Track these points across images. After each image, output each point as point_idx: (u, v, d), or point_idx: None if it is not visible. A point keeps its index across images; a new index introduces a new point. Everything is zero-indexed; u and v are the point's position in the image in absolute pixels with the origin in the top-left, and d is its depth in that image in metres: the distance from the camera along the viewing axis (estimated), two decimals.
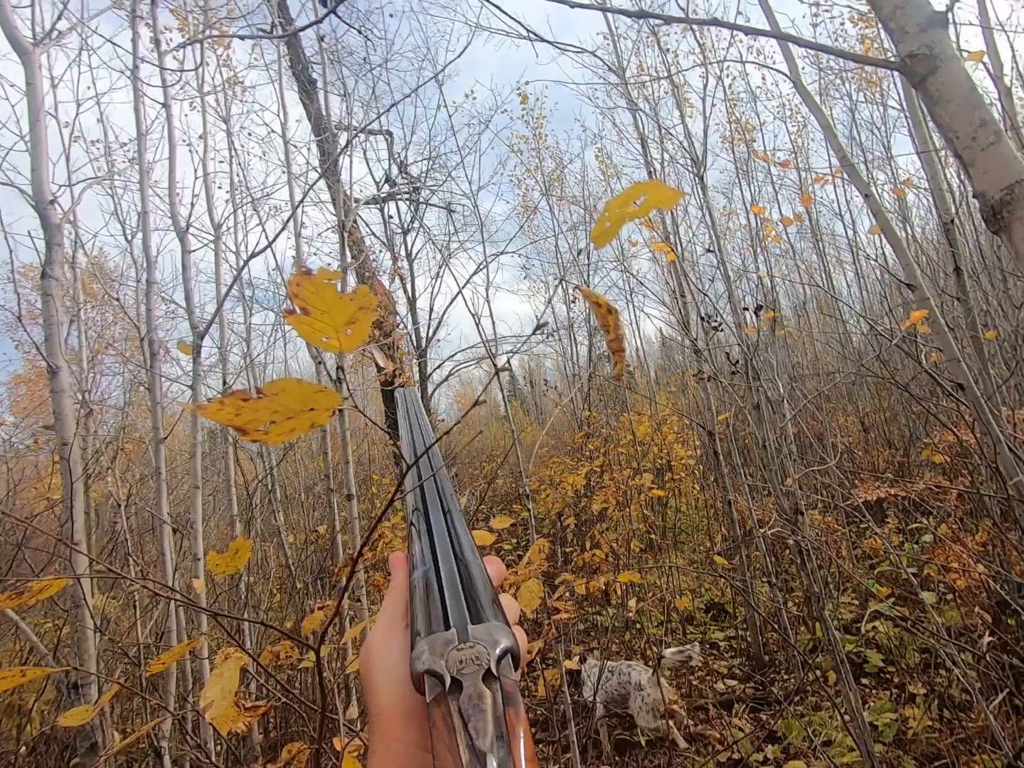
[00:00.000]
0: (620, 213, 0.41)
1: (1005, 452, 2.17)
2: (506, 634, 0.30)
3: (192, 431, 2.14)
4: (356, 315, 0.40)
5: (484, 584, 0.35)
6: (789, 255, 8.80)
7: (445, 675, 0.28)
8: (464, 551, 0.38)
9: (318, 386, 0.41)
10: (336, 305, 0.40)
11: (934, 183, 3.23)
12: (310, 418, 0.42)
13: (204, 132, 3.47)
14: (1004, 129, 0.76)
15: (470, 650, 0.29)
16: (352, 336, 0.42)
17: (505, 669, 0.29)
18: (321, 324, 0.41)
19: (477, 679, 0.27)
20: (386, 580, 1.84)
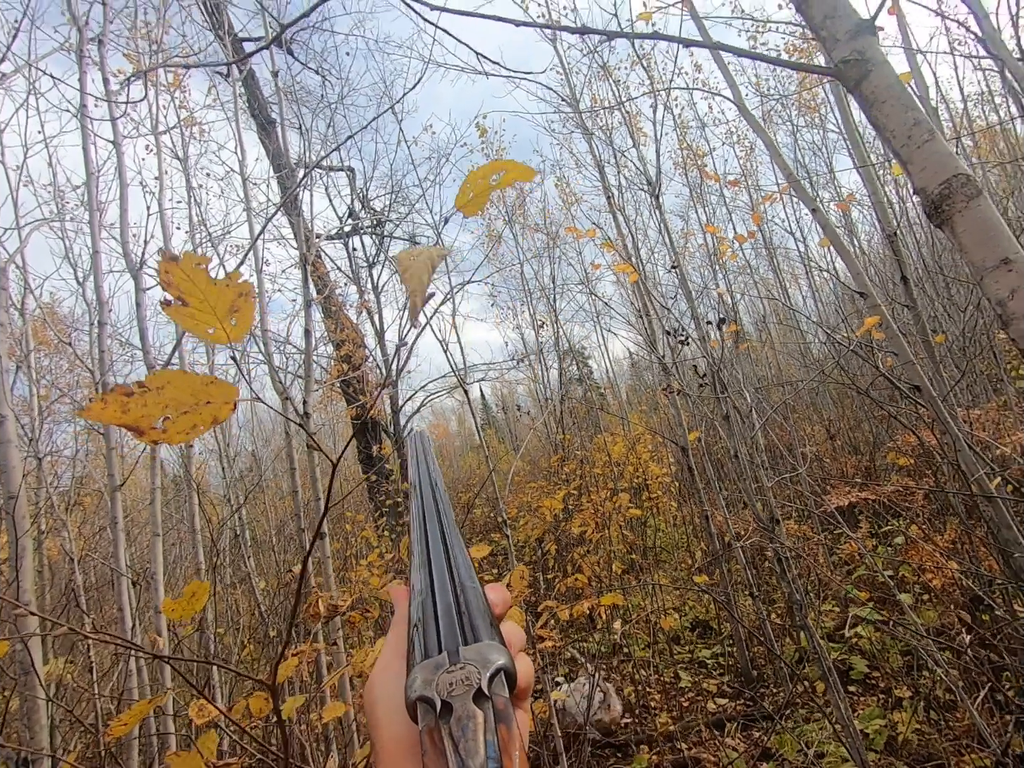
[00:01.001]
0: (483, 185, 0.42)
1: (965, 450, 2.24)
2: (499, 652, 0.29)
3: (151, 476, 2.05)
4: (237, 302, 0.38)
5: (479, 606, 0.34)
6: (747, 272, 9.12)
7: (436, 699, 0.27)
8: (462, 577, 0.37)
9: (209, 377, 0.38)
10: (213, 292, 0.38)
11: (875, 197, 3.40)
12: (210, 412, 0.39)
13: (160, 171, 3.43)
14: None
15: (460, 671, 0.28)
16: (237, 326, 0.40)
17: (497, 687, 0.28)
18: (202, 314, 0.38)
19: (467, 699, 0.27)
20: (362, 617, 1.77)
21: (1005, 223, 0.56)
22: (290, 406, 2.89)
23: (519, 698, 0.32)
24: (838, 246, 2.36)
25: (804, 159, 7.62)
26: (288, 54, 7.44)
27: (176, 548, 6.93)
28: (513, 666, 0.29)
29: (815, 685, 3.01)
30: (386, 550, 5.16)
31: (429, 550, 0.41)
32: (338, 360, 7.84)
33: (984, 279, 0.55)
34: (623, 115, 4.62)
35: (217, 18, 4.69)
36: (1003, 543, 2.17)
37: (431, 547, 0.41)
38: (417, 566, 0.40)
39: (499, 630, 0.32)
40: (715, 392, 2.37)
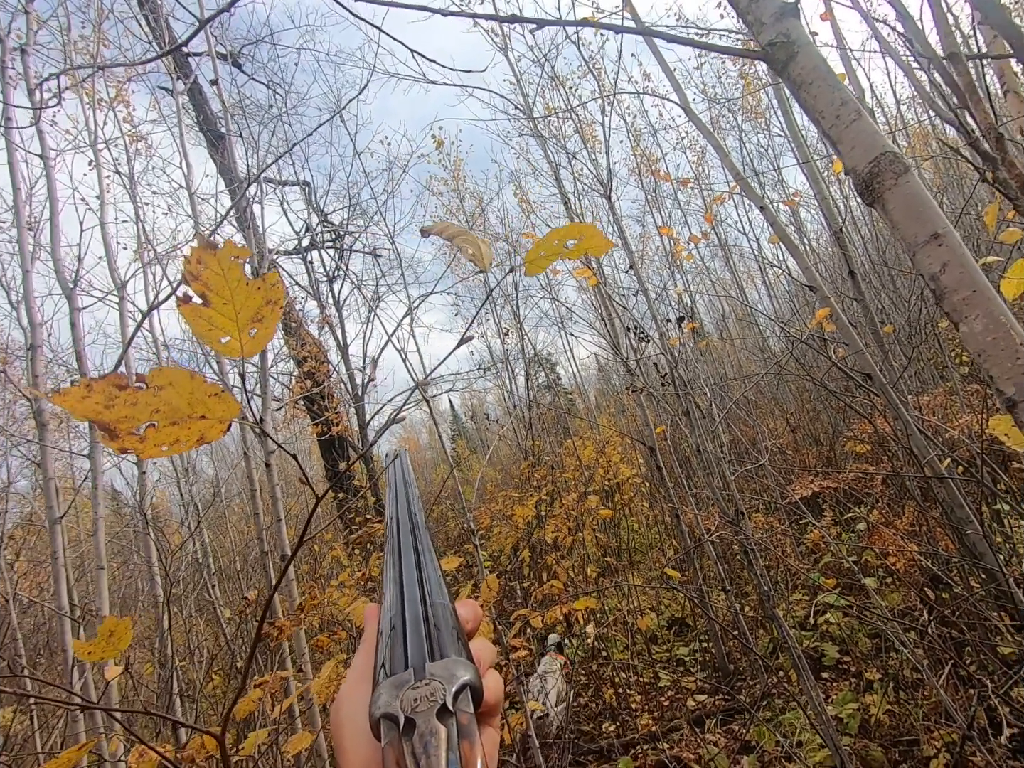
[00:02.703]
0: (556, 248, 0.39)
1: (916, 435, 2.32)
2: (466, 668, 0.29)
3: (92, 504, 1.93)
4: (262, 310, 0.34)
5: (448, 623, 0.34)
6: (704, 273, 9.35)
7: (399, 716, 0.26)
8: (432, 593, 0.37)
9: (215, 386, 0.33)
10: (242, 293, 0.33)
11: (820, 196, 3.52)
12: (199, 428, 0.34)
13: (100, 187, 3.30)
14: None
15: (425, 687, 0.28)
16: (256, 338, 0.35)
17: (462, 703, 0.27)
18: (222, 318, 0.33)
19: (431, 716, 0.26)
20: (330, 640, 1.70)
21: (933, 199, 0.57)
22: (247, 426, 2.79)
23: (488, 715, 0.32)
24: (787, 242, 2.42)
25: (752, 161, 7.88)
26: (237, 68, 7.30)
27: (137, 581, 6.61)
28: (480, 682, 0.29)
29: (789, 675, 3.05)
30: (357, 568, 5.03)
31: (401, 567, 0.40)
32: (301, 377, 7.67)
33: (916, 254, 0.56)
34: (575, 122, 4.68)
35: (158, 31, 4.57)
36: (956, 522, 2.25)
37: (403, 564, 0.40)
38: (388, 583, 0.39)
39: (467, 646, 0.32)
40: (675, 389, 2.40)
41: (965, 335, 0.53)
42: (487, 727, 0.32)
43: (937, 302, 0.54)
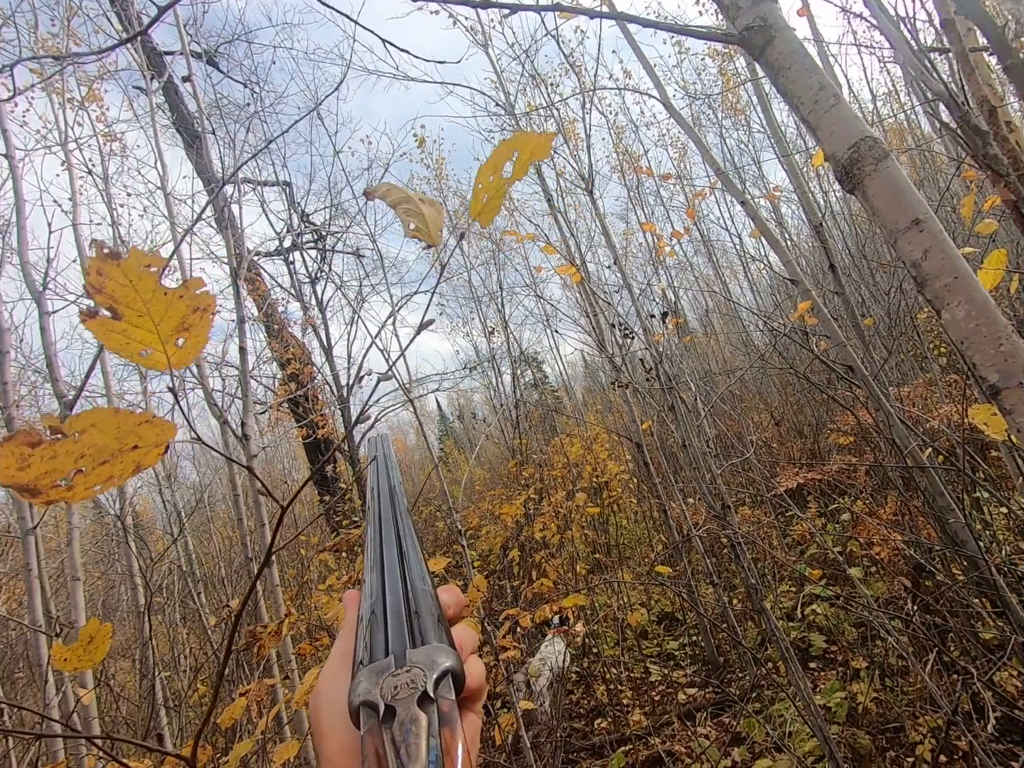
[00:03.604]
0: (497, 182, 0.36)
1: (898, 425, 2.35)
2: (447, 655, 0.29)
3: (67, 512, 1.88)
4: (189, 319, 0.31)
5: (430, 609, 0.33)
6: (688, 269, 9.41)
7: (379, 703, 0.26)
8: (413, 579, 0.36)
9: (145, 415, 0.31)
10: (160, 304, 0.30)
11: (800, 191, 3.55)
12: (134, 459, 0.32)
13: (72, 188, 3.22)
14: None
15: (406, 674, 0.27)
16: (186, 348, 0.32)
17: (443, 690, 0.27)
18: (139, 331, 0.31)
19: (411, 703, 0.26)
20: (313, 648, 1.67)
21: (913, 185, 0.56)
22: (227, 430, 2.74)
23: (470, 700, 0.32)
24: (768, 236, 2.43)
25: (733, 157, 7.94)
26: (210, 65, 7.18)
27: (119, 590, 6.49)
28: (461, 668, 0.29)
29: (778, 666, 3.07)
30: (344, 571, 4.98)
31: (383, 553, 0.39)
32: (285, 380, 7.58)
33: (898, 241, 0.56)
34: (557, 120, 4.67)
35: (131, 29, 4.47)
36: (938, 511, 2.28)
37: (384, 550, 0.40)
38: (369, 568, 0.39)
39: (449, 632, 0.31)
40: (660, 384, 2.40)
41: (947, 322, 0.53)
42: (469, 713, 0.32)
43: (919, 289, 0.54)
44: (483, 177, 0.40)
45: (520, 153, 0.38)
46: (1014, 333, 0.50)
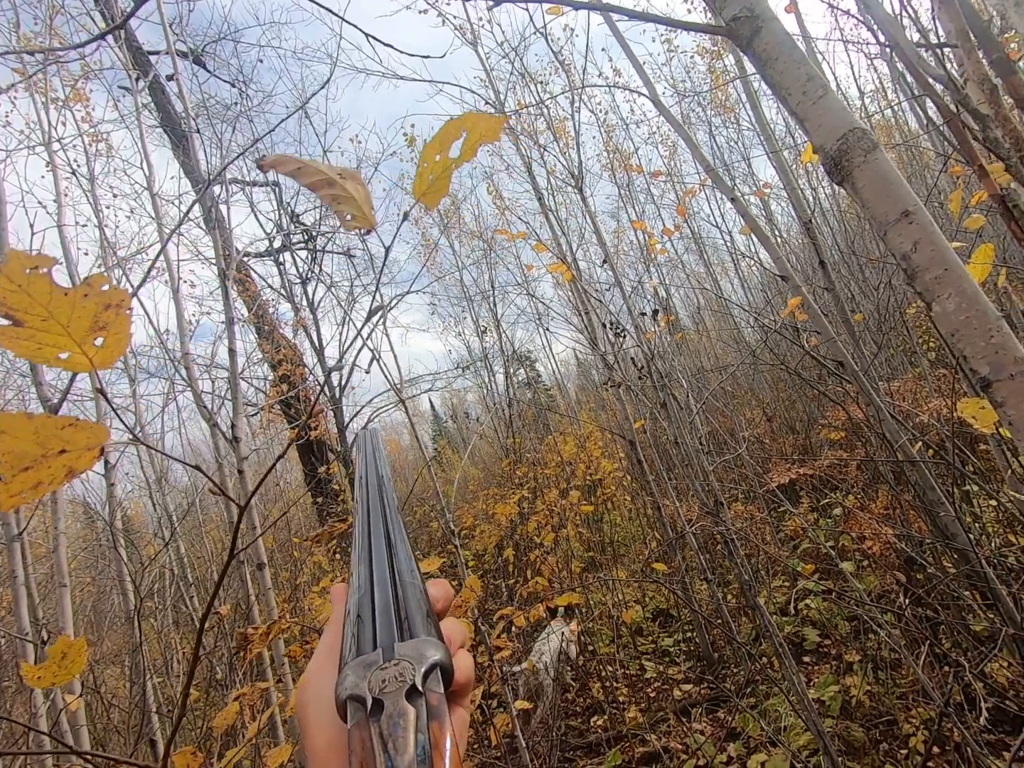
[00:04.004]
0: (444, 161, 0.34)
1: (888, 420, 2.36)
2: (436, 648, 0.28)
3: (53, 518, 1.85)
4: (102, 317, 0.30)
5: (418, 602, 0.33)
6: (679, 267, 9.44)
7: (367, 697, 0.26)
8: (402, 572, 0.36)
9: (68, 418, 0.30)
10: (63, 306, 0.29)
11: (789, 187, 3.56)
12: (64, 463, 0.30)
13: (57, 189, 3.18)
14: None
15: (394, 668, 0.27)
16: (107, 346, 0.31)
17: (432, 683, 0.27)
18: (49, 335, 0.29)
19: (399, 697, 0.26)
20: (303, 651, 1.65)
21: (902, 176, 0.56)
22: (218, 432, 2.71)
23: (458, 695, 0.31)
24: (757, 232, 2.44)
25: (722, 154, 7.97)
26: (201, 67, 7.12)
27: (111, 595, 6.42)
28: (450, 661, 0.29)
29: (772, 661, 3.09)
30: (339, 573, 4.96)
31: (371, 547, 0.39)
32: (276, 381, 7.53)
33: (887, 233, 0.55)
34: (547, 118, 4.66)
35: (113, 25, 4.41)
36: (929, 504, 2.29)
37: (372, 544, 0.39)
38: (356, 562, 0.38)
39: (437, 625, 0.31)
40: (652, 382, 2.40)
41: (937, 315, 0.52)
42: (457, 707, 0.31)
43: (909, 281, 0.54)
44: (428, 156, 0.38)
45: (469, 134, 0.36)
46: (1005, 325, 0.49)
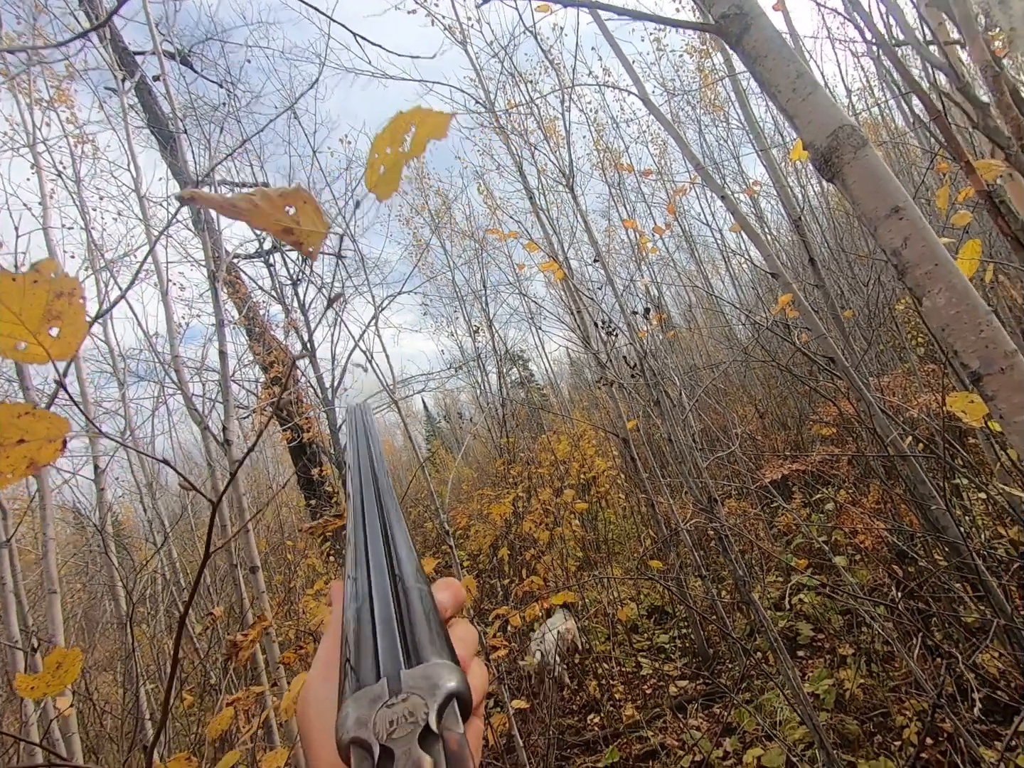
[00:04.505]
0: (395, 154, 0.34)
1: (878, 415, 2.38)
2: (450, 672, 0.25)
3: (41, 523, 1.82)
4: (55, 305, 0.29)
5: (426, 614, 0.29)
6: (670, 265, 9.47)
7: (373, 743, 0.22)
8: (405, 576, 0.31)
9: (24, 405, 0.29)
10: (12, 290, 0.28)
11: (778, 185, 3.58)
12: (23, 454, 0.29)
13: (42, 191, 3.14)
14: None
15: (402, 705, 0.23)
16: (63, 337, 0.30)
17: (449, 720, 0.23)
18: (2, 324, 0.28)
19: (412, 742, 0.22)
20: (297, 657, 1.64)
21: (892, 173, 0.56)
22: (209, 435, 2.69)
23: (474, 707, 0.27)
24: (748, 230, 2.45)
25: (712, 153, 8.01)
26: (184, 64, 7.06)
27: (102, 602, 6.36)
28: (467, 688, 0.25)
29: (767, 656, 3.11)
30: (333, 575, 4.94)
31: (367, 546, 0.34)
32: (268, 384, 7.49)
33: (878, 229, 0.56)
34: (537, 117, 4.66)
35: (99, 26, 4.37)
36: (919, 498, 2.31)
37: (369, 541, 0.35)
38: (353, 563, 0.33)
39: (448, 641, 0.27)
40: (645, 380, 2.41)
41: (928, 309, 0.53)
42: (472, 718, 0.28)
43: (900, 276, 0.54)
44: (379, 147, 0.38)
45: (418, 129, 0.36)
46: (995, 319, 0.50)
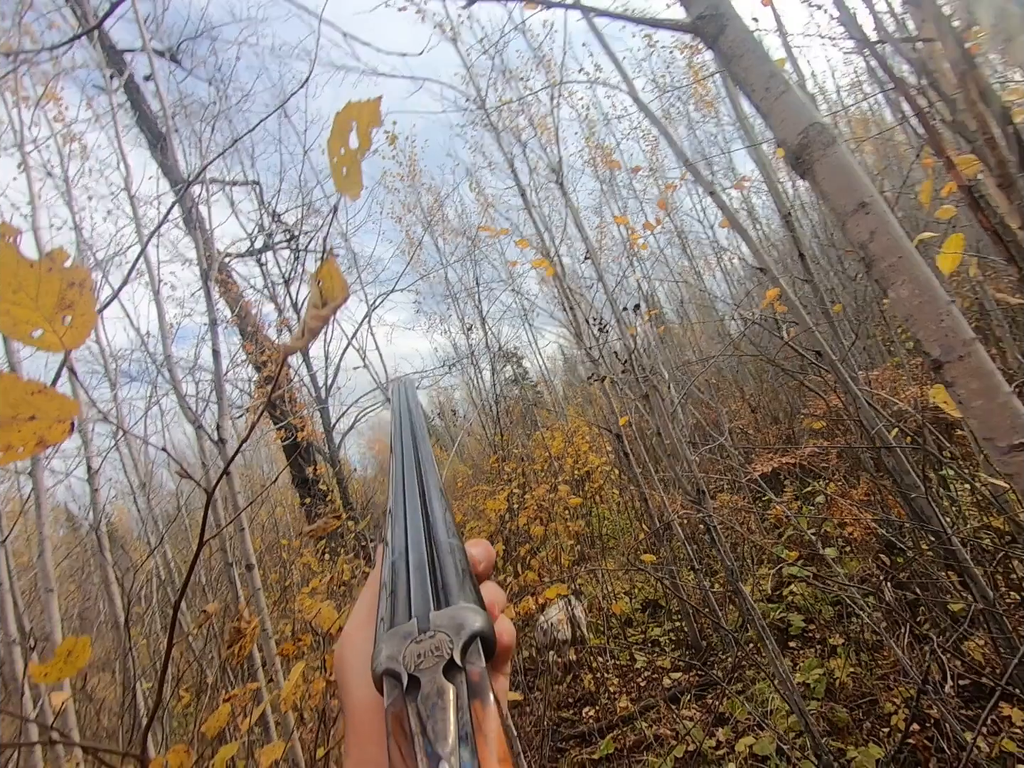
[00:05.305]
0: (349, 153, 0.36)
1: (865, 408, 2.41)
2: (476, 615, 0.26)
3: (37, 523, 1.83)
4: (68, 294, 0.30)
5: (456, 564, 0.31)
6: (662, 261, 9.51)
7: (402, 673, 0.24)
8: (438, 532, 0.33)
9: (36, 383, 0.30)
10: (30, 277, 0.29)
11: (768, 180, 3.61)
12: (34, 430, 0.31)
13: (31, 191, 3.12)
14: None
15: (430, 640, 0.25)
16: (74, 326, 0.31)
17: (472, 656, 0.25)
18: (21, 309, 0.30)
19: (437, 672, 0.24)
20: (296, 647, 1.66)
21: (862, 170, 0.59)
22: (203, 434, 2.70)
23: (499, 661, 0.29)
24: (736, 226, 2.48)
25: (703, 148, 8.04)
26: (172, 61, 7.01)
27: (97, 602, 6.34)
28: (492, 630, 0.27)
29: (758, 646, 3.15)
30: (329, 573, 4.95)
31: (405, 505, 0.37)
32: (261, 383, 7.47)
33: (846, 223, 0.58)
34: (527, 114, 4.67)
35: (86, 24, 4.34)
36: (906, 489, 2.35)
37: (407, 503, 0.37)
38: (391, 523, 0.36)
39: (477, 589, 0.29)
40: (635, 375, 2.43)
41: (893, 300, 0.55)
42: (498, 675, 0.30)
43: (867, 270, 0.56)
44: (334, 150, 0.40)
45: (358, 123, 0.38)
46: (955, 309, 0.53)
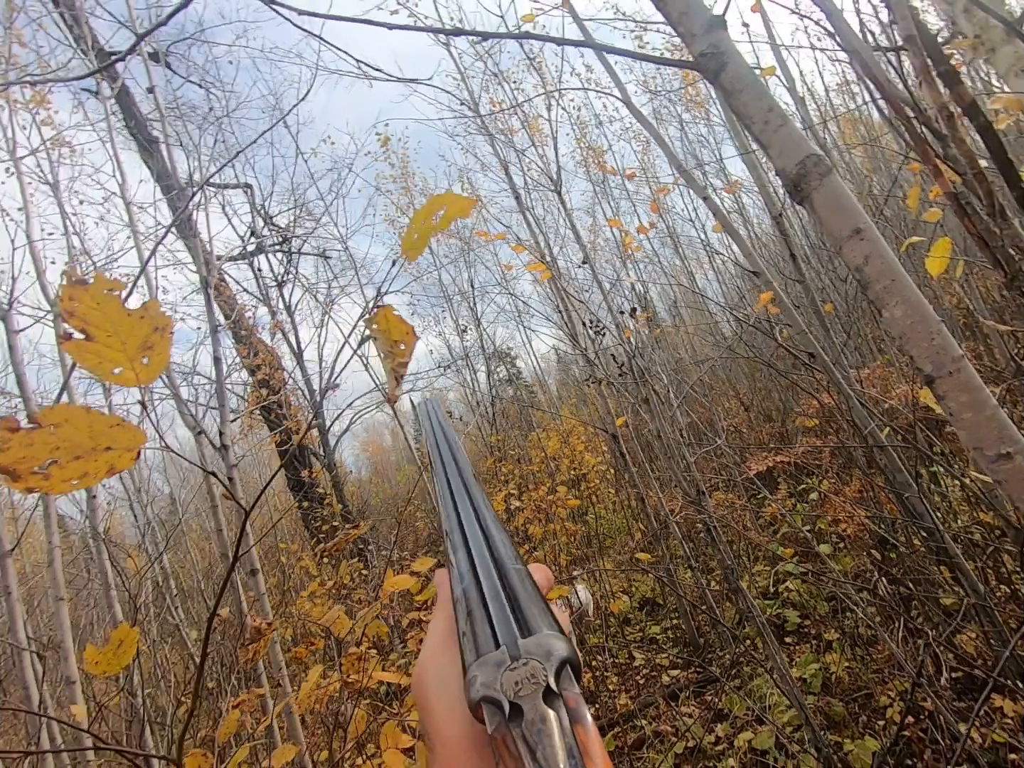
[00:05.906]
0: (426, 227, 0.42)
1: (856, 406, 2.46)
2: (561, 642, 0.28)
3: (47, 534, 1.84)
4: (151, 338, 0.34)
5: (530, 592, 0.31)
6: (656, 262, 9.57)
7: (503, 701, 0.25)
8: (503, 559, 0.35)
9: (115, 417, 0.34)
10: (125, 324, 0.33)
11: (759, 183, 3.66)
12: (107, 460, 0.35)
13: (24, 199, 3.12)
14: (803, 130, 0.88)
15: (524, 668, 0.26)
16: (150, 365, 0.35)
17: (565, 682, 0.26)
18: (109, 351, 0.34)
19: (537, 699, 0.25)
20: (309, 651, 1.68)
21: (856, 197, 0.62)
22: (204, 440, 2.71)
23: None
24: (730, 231, 2.52)
25: (695, 149, 8.10)
26: (166, 67, 6.97)
27: (94, 610, 6.30)
28: (577, 657, 0.28)
29: (755, 642, 3.20)
30: (327, 577, 4.96)
31: (463, 528, 0.38)
32: (255, 386, 7.45)
33: (842, 248, 0.62)
34: (521, 118, 4.70)
35: (78, 31, 4.32)
36: (898, 486, 2.40)
37: (466, 527, 0.38)
38: (452, 549, 0.37)
39: (554, 615, 0.30)
40: (634, 377, 2.47)
41: (888, 320, 0.59)
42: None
43: (863, 291, 0.60)
44: (417, 221, 0.46)
45: (448, 209, 0.44)
46: (944, 328, 0.57)
